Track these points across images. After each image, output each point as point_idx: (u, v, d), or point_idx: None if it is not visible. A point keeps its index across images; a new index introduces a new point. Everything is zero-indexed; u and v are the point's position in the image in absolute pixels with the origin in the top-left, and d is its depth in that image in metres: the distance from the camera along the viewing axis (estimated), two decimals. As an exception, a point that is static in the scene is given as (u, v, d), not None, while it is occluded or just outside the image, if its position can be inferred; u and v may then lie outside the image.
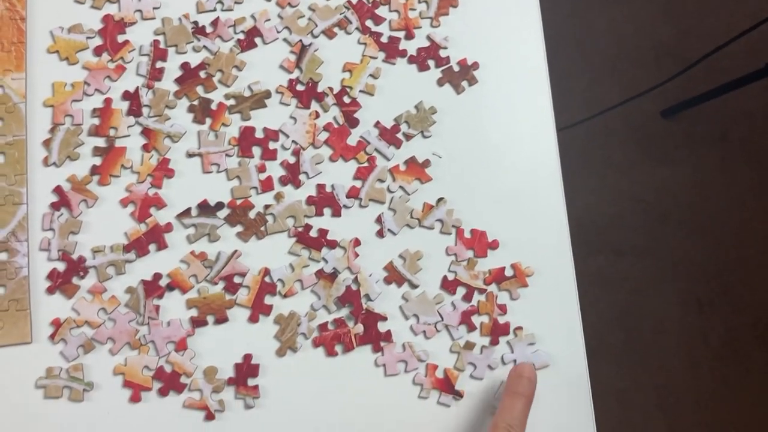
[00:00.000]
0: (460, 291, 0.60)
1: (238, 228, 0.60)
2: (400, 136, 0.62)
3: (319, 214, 0.61)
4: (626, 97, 1.55)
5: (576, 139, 1.60)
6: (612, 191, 1.66)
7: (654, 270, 1.62)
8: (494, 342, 0.60)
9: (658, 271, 1.62)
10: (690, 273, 1.62)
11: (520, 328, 0.60)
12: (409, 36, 0.64)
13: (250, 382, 0.57)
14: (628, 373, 1.51)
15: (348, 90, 0.63)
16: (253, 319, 0.58)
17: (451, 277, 0.60)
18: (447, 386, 0.58)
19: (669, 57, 1.72)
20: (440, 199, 0.62)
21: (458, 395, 0.58)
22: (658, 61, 1.71)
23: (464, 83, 0.64)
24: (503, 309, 0.60)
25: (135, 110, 0.61)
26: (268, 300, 0.59)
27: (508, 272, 0.61)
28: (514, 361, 0.59)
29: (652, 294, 1.61)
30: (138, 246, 0.59)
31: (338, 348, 0.59)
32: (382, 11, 0.64)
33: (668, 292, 1.62)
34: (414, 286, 0.60)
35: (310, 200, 0.61)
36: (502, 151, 0.63)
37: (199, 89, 0.62)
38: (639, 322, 1.60)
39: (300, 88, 0.63)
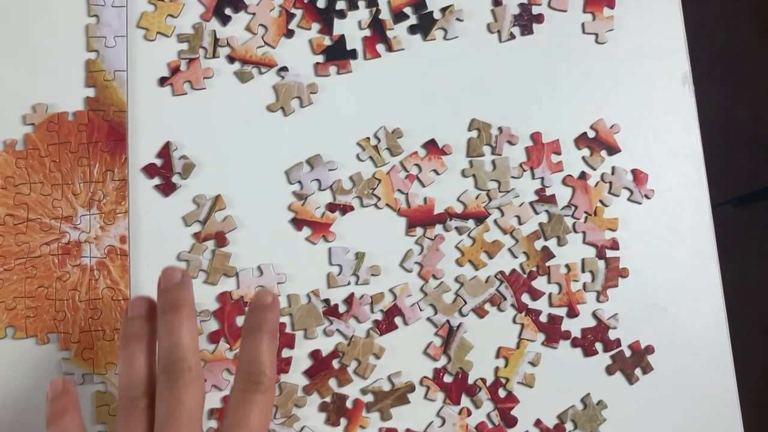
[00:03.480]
0: None
1: None
2: (565, 437, 0.54)
3: None
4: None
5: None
6: (681, 285, 1.56)
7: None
8: None
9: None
10: (762, 373, 1.54)
11: None
12: (573, 314, 0.55)
13: None
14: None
15: (503, 381, 0.54)
16: None
17: None
18: None
19: (740, 140, 1.62)
20: None
21: None
22: (727, 144, 1.62)
23: (638, 371, 0.55)
24: None
25: (259, 412, 0.52)
26: None
27: None
28: None
29: (723, 395, 1.52)
30: None
31: None
32: (540, 283, 0.55)
33: (739, 391, 1.53)
34: None
35: None
36: (682, 454, 0.54)
37: (332, 383, 0.53)
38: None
39: (448, 379, 0.54)
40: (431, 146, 0.56)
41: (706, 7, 1.63)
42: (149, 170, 0.55)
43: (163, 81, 0.55)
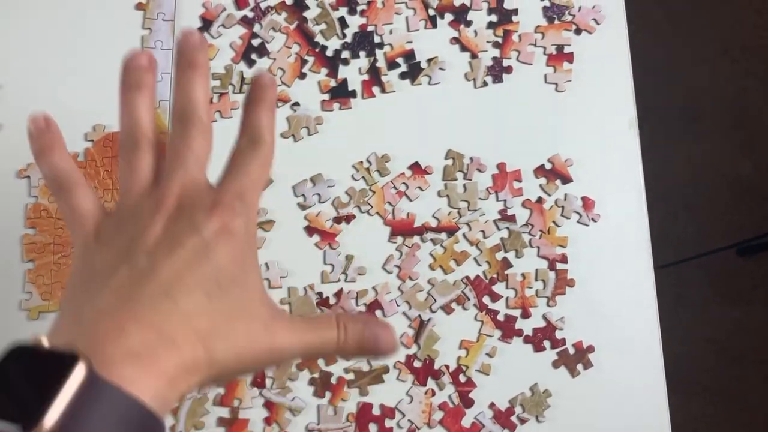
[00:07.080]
0: None
1: None
2: (514, 419, 0.63)
3: (432, 497, 0.62)
4: (702, 235, 1.54)
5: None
6: (683, 330, 1.63)
7: (727, 413, 1.57)
8: None
9: (732, 414, 1.58)
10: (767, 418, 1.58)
11: None
12: (525, 315, 0.65)
13: None
14: None
15: (464, 369, 0.64)
16: None
17: None
18: None
19: (746, 193, 1.69)
20: (553, 490, 0.62)
21: None
22: (734, 198, 1.69)
23: (579, 366, 0.64)
24: None
25: (259, 381, 0.63)
26: None
27: None
28: None
29: (725, 438, 1.56)
30: None
31: None
32: (499, 288, 0.66)
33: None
34: None
35: (423, 482, 0.62)
36: (615, 440, 0.63)
37: (320, 362, 0.64)
38: (711, 468, 1.55)
39: (417, 364, 0.64)
40: (416, 167, 0.68)
41: (718, 69, 1.73)
42: (182, 181, 0.68)
43: (198, 110, 0.69)
